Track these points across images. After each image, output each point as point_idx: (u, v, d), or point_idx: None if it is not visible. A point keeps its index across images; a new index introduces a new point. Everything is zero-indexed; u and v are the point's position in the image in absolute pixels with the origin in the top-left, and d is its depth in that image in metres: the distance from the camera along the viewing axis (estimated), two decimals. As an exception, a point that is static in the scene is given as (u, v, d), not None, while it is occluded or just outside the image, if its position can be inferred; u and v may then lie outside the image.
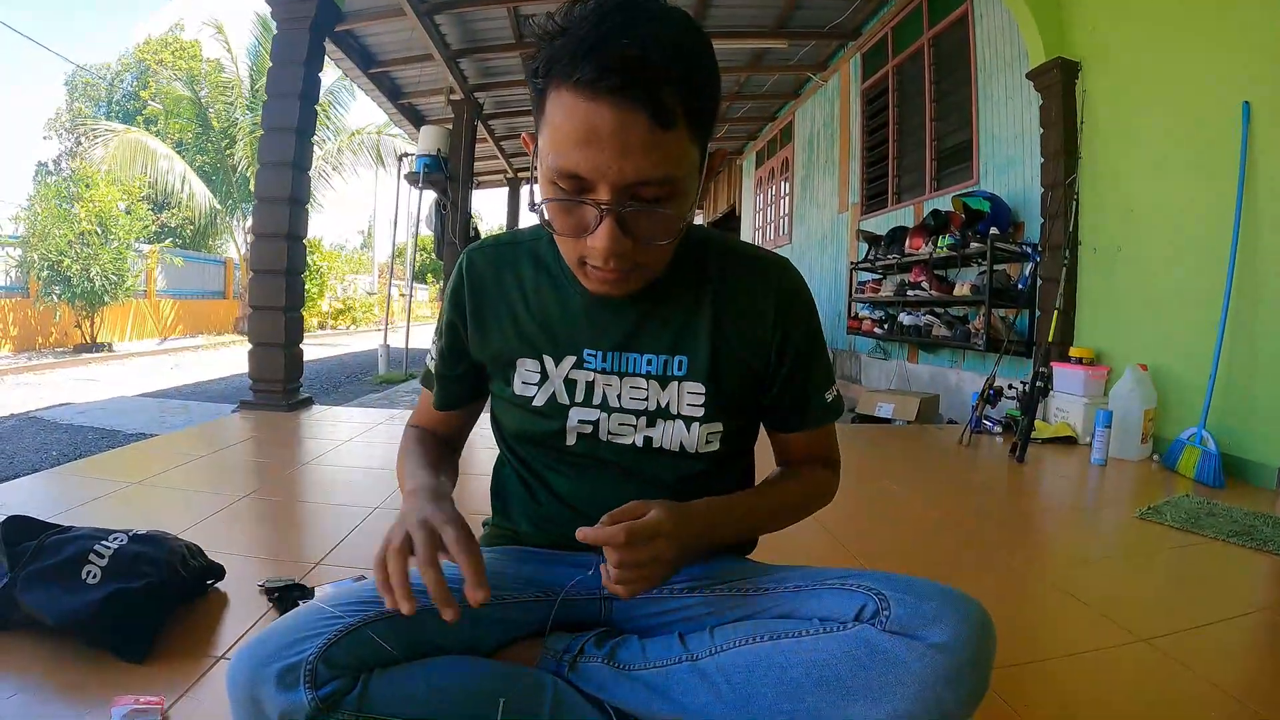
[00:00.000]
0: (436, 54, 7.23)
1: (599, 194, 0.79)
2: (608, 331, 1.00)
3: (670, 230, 0.85)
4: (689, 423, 1.00)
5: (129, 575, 1.47)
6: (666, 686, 0.92)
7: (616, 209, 0.80)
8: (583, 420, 1.01)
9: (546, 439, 1.03)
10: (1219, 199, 3.49)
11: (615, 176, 0.78)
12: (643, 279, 0.91)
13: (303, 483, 2.91)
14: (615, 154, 0.77)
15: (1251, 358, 3.37)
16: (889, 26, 7.14)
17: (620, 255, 0.83)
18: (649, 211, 0.82)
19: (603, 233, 0.81)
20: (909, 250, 6.01)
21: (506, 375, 1.04)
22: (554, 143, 0.79)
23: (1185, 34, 3.77)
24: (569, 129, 0.77)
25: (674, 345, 0.99)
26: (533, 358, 1.02)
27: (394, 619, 0.86)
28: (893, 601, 0.82)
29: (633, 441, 1.01)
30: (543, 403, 1.01)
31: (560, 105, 0.78)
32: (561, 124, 0.78)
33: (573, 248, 0.87)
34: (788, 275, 1.03)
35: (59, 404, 6.65)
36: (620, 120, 0.75)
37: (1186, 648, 1.62)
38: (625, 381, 1.00)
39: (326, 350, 14.19)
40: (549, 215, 0.85)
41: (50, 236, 11.63)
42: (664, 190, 0.81)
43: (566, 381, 1.01)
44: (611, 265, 0.84)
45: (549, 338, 1.01)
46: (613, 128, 0.76)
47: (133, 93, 25.95)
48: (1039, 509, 3.10)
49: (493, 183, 14.23)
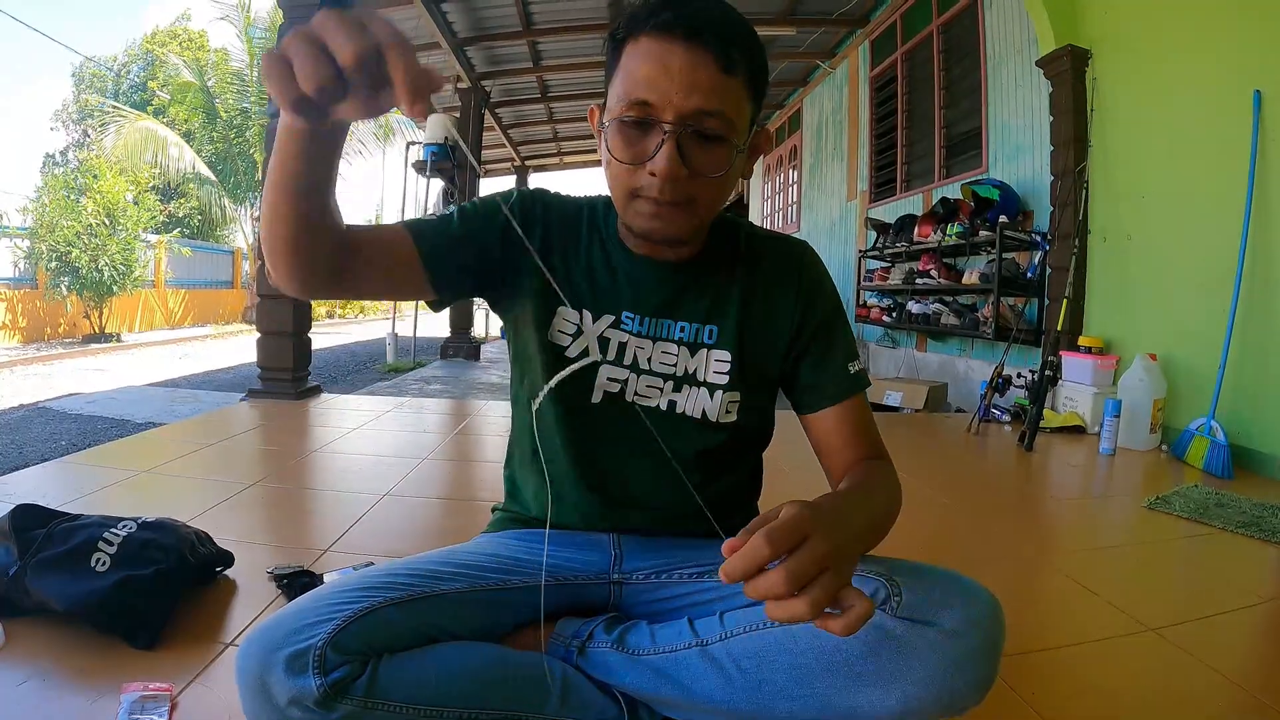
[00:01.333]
0: (443, 41, 7.20)
1: (664, 119, 0.86)
2: (649, 297, 1.04)
3: (721, 164, 0.90)
4: (713, 390, 1.04)
5: (138, 562, 1.48)
6: (676, 672, 0.92)
7: (678, 132, 0.86)
8: (611, 379, 1.03)
9: (573, 396, 1.03)
10: (1229, 188, 3.45)
11: (680, 103, 0.85)
12: (688, 222, 0.94)
13: (311, 470, 2.92)
14: (683, 86, 0.85)
15: (1262, 348, 3.35)
16: (898, 13, 7.10)
17: (675, 181, 0.88)
18: (705, 145, 0.88)
19: (664, 153, 0.86)
20: (918, 238, 5.99)
21: (541, 318, 1.04)
22: (626, 81, 0.88)
23: (1196, 22, 3.73)
24: (643, 66, 0.87)
25: (707, 314, 1.04)
26: (573, 308, 1.04)
27: (402, 604, 0.87)
28: (904, 587, 0.82)
29: (657, 404, 1.04)
30: (576, 354, 1.03)
31: (636, 50, 0.88)
32: (637, 64, 0.87)
33: (630, 178, 0.91)
34: (809, 254, 1.10)
35: (68, 394, 6.68)
36: (691, 59, 0.85)
37: (1194, 638, 1.62)
38: (658, 346, 1.04)
39: (334, 339, 14.23)
40: (613, 144, 0.90)
41: (58, 228, 11.66)
42: (721, 127, 0.88)
43: (600, 339, 1.03)
44: (666, 192, 0.88)
45: (592, 294, 1.04)
46: (682, 64, 0.85)
47: (140, 84, 25.97)
48: (1047, 498, 3.09)
49: (500, 170, 14.19)
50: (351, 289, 0.94)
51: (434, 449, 3.30)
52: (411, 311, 9.29)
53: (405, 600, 0.88)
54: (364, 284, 0.95)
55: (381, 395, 5.32)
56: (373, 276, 0.95)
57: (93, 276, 11.90)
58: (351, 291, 0.95)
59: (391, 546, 1.98)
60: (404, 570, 0.93)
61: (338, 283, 0.91)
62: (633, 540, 1.08)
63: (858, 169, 8.21)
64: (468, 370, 7.80)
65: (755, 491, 1.19)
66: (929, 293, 6.05)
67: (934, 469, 3.35)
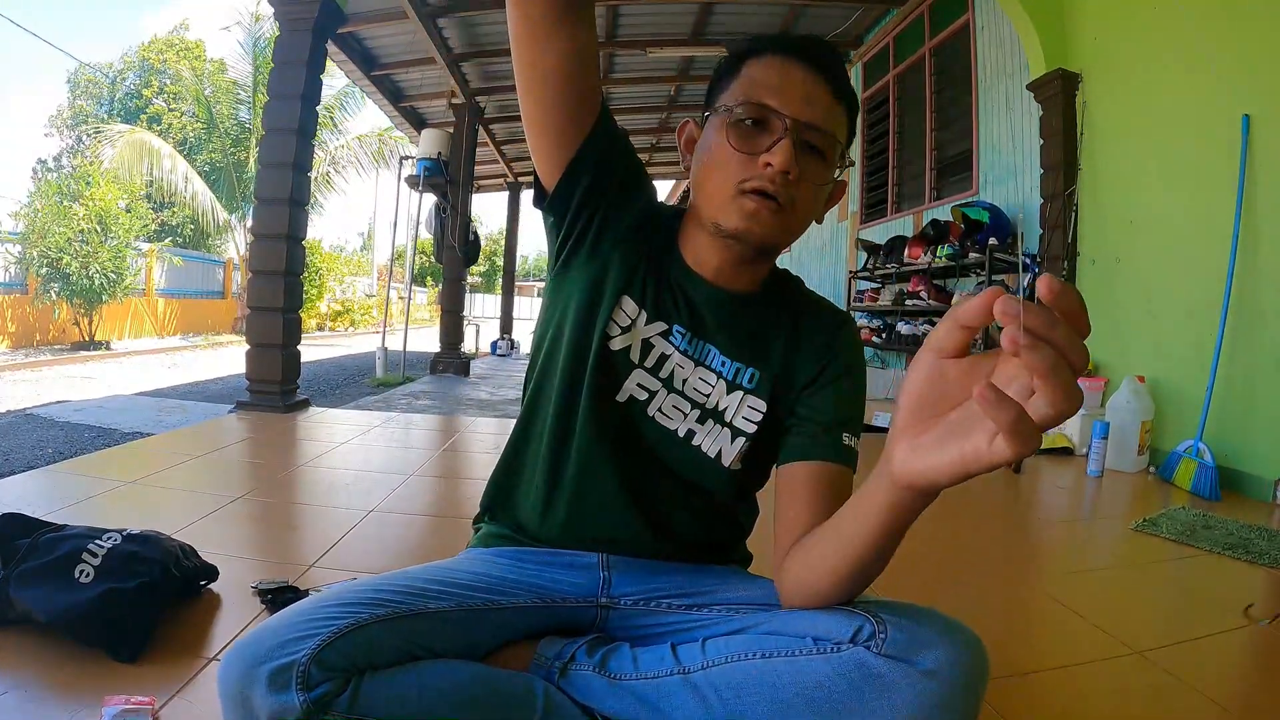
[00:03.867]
0: (438, 57, 7.24)
1: (785, 117, 0.92)
2: (701, 319, 1.04)
3: (822, 176, 0.96)
4: (735, 435, 1.03)
5: (122, 575, 1.46)
6: (656, 699, 0.92)
7: (795, 132, 0.92)
8: (641, 385, 1.03)
9: (599, 390, 1.03)
10: (1218, 212, 3.49)
11: (798, 111, 0.92)
12: (781, 227, 0.96)
13: (298, 484, 2.90)
14: (801, 98, 0.93)
15: (1249, 371, 3.37)
16: (890, 36, 7.17)
17: (787, 175, 0.91)
18: (811, 155, 0.94)
19: (783, 146, 0.91)
20: (908, 260, 6.01)
21: (604, 298, 1.03)
22: (748, 87, 0.95)
23: (1185, 47, 3.78)
24: (768, 75, 0.95)
25: (752, 356, 1.04)
26: (635, 302, 1.03)
27: (387, 621, 0.87)
28: (889, 625, 0.81)
29: (676, 429, 1.04)
30: (619, 348, 1.02)
31: (760, 63, 0.96)
32: (761, 73, 0.95)
33: (741, 169, 0.93)
34: (850, 325, 1.11)
35: (56, 401, 6.63)
36: (811, 77, 0.94)
37: (1181, 660, 1.62)
38: (698, 371, 1.04)
39: (324, 352, 14.17)
40: (731, 137, 0.94)
41: (50, 234, 11.63)
42: (826, 143, 0.95)
43: (645, 343, 1.03)
44: (778, 183, 0.92)
45: (654, 297, 1.04)
46: (803, 80, 0.94)
47: (135, 91, 25.96)
48: (1035, 520, 3.09)
49: (493, 186, 14.24)
50: (568, 33, 0.91)
51: (421, 465, 3.29)
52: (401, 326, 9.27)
53: (390, 617, 0.87)
54: (582, 35, 0.93)
55: (370, 410, 5.31)
56: (582, 47, 0.93)
57: (83, 283, 11.86)
58: (565, 36, 0.91)
59: (377, 563, 1.97)
60: (389, 587, 0.92)
61: (570, 9, 0.90)
62: (621, 562, 1.07)
63: (849, 190, 8.24)
64: (457, 386, 7.78)
65: (747, 530, 1.19)
66: (919, 314, 6.07)
67: (923, 489, 3.35)
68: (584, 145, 0.98)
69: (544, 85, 0.94)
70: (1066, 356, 0.49)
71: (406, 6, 6.20)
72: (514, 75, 0.97)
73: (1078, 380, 0.50)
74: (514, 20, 0.92)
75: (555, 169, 1.00)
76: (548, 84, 0.94)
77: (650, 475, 1.04)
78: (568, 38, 0.91)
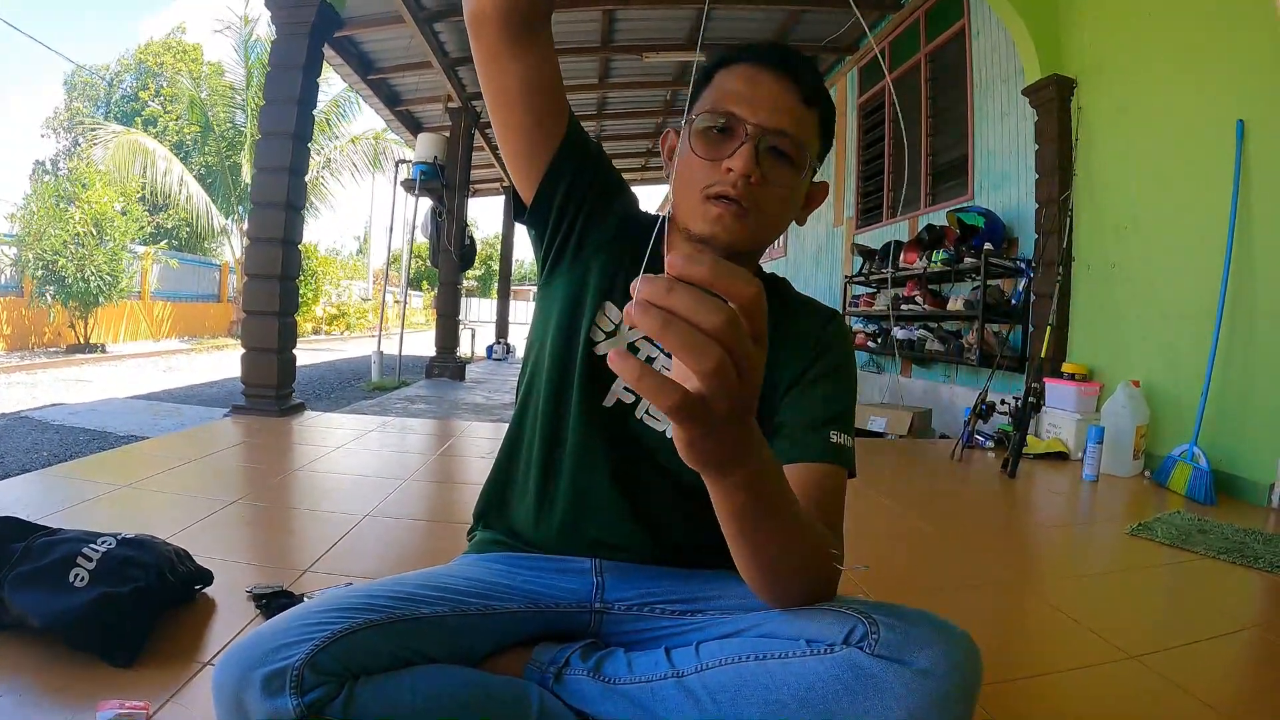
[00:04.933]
0: (435, 62, 7.25)
1: (746, 125, 0.95)
2: None
3: (788, 180, 0.99)
4: None
5: (117, 579, 1.46)
6: (651, 703, 0.92)
7: (757, 139, 0.95)
8: (628, 388, 1.04)
9: (587, 395, 1.04)
10: (1213, 216, 3.51)
11: (763, 118, 0.95)
12: (746, 232, 0.97)
13: (293, 489, 2.90)
14: (768, 105, 0.96)
15: (1244, 375, 3.39)
16: (887, 41, 7.18)
17: (748, 180, 0.95)
18: (777, 160, 0.97)
19: (743, 152, 0.94)
20: (903, 265, 6.02)
21: (588, 304, 1.05)
22: (716, 96, 0.98)
23: (1181, 52, 3.80)
24: (736, 84, 0.98)
25: None
26: (618, 307, 1.04)
27: (381, 626, 0.87)
28: (882, 626, 0.81)
29: (664, 430, 1.04)
30: (604, 353, 1.03)
31: (730, 72, 0.99)
32: (729, 82, 0.98)
33: (705, 174, 0.97)
34: (838, 321, 1.12)
35: (51, 404, 6.61)
36: (778, 85, 0.97)
37: (1176, 665, 1.62)
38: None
39: (319, 356, 14.14)
40: (695, 143, 0.98)
41: (45, 236, 11.58)
42: (792, 150, 0.97)
43: (631, 346, 1.04)
44: (739, 187, 0.95)
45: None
46: (770, 87, 0.97)
47: (132, 93, 25.94)
48: (1030, 524, 3.10)
49: (489, 191, 14.24)
50: (524, 57, 0.93)
51: (417, 470, 3.29)
52: (397, 330, 9.26)
53: (384, 622, 0.87)
54: (538, 57, 0.94)
55: (365, 414, 5.30)
56: (539, 67, 0.95)
57: (79, 286, 11.81)
58: (522, 60, 0.94)
59: (372, 567, 1.97)
60: (383, 592, 0.93)
61: (529, 29, 0.92)
62: (615, 567, 1.07)
63: (844, 195, 8.27)
64: (452, 390, 7.78)
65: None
66: (914, 319, 6.08)
67: (917, 495, 3.36)
68: (554, 159, 1.02)
69: (509, 106, 0.98)
70: (691, 319, 0.49)
71: (403, 10, 6.20)
72: None
73: (716, 340, 0.50)
74: (474, 47, 0.95)
75: (530, 184, 1.05)
76: (512, 104, 0.98)
77: (643, 478, 1.05)
78: (525, 62, 0.94)
